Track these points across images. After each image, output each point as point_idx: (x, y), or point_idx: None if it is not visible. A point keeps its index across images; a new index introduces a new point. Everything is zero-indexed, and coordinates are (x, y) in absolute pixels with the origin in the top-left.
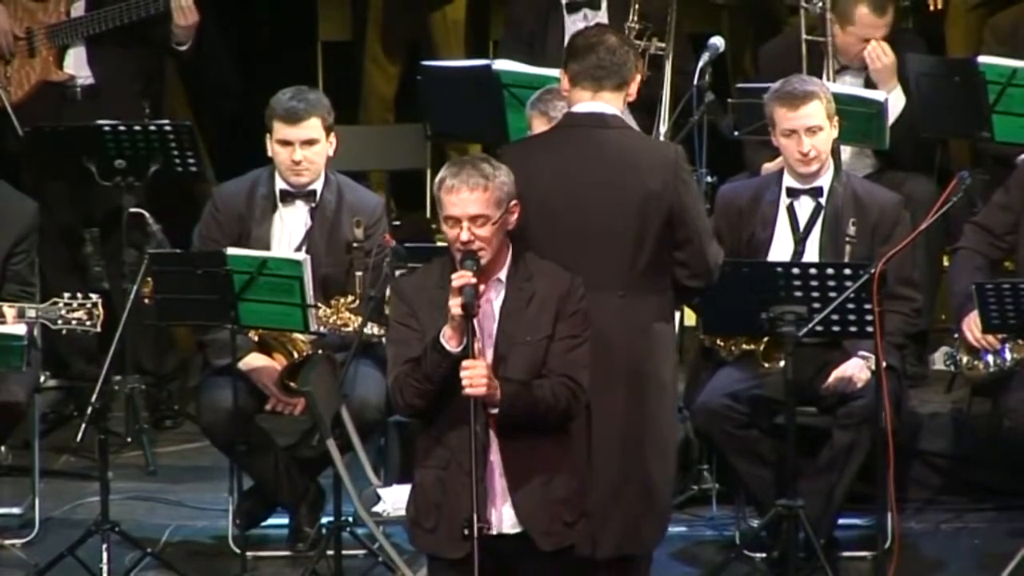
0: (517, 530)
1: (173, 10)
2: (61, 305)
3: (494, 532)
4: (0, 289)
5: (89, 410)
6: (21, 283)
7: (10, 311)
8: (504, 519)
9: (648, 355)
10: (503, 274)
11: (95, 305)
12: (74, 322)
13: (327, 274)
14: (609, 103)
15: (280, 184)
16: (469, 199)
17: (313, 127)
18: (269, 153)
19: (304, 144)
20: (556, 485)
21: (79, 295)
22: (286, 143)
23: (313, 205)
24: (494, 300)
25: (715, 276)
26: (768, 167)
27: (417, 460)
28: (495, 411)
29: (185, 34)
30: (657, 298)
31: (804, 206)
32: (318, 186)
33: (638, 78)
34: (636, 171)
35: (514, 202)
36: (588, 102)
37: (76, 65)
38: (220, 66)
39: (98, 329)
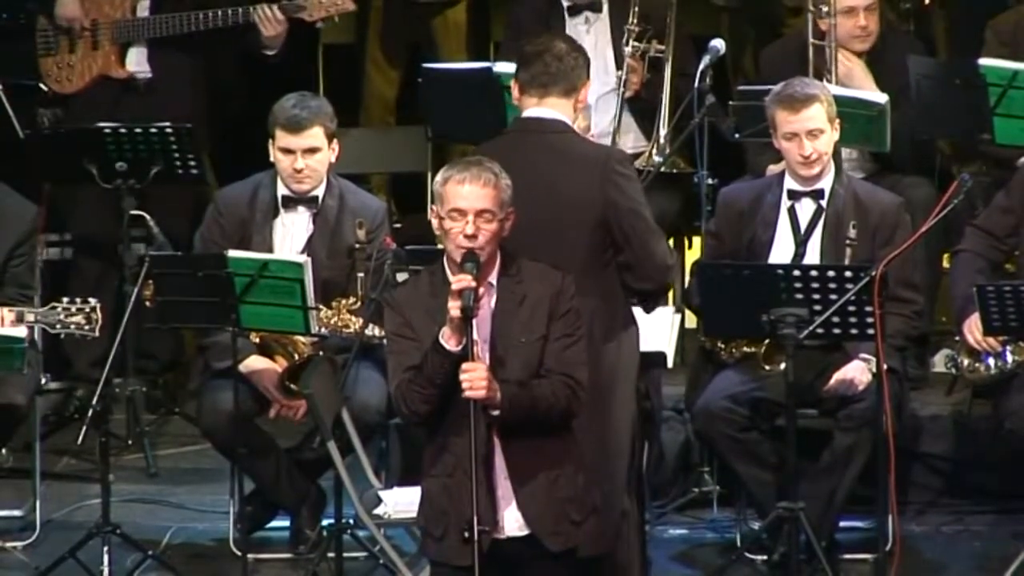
0: (523, 533)
1: (258, 22)
2: (60, 309)
3: (502, 536)
4: None
5: (90, 412)
6: (20, 286)
7: (9, 315)
8: (510, 522)
9: (591, 360)
10: (493, 278)
11: (93, 309)
12: (72, 326)
13: (328, 279)
14: (555, 108)
15: (282, 189)
16: (479, 193)
17: (315, 136)
18: (271, 159)
19: (306, 152)
20: (562, 484)
21: (78, 300)
22: (288, 151)
23: (315, 211)
24: (486, 304)
25: (667, 276)
26: (773, 169)
27: (423, 470)
28: (496, 413)
29: (275, 42)
30: (598, 302)
31: (805, 208)
32: (320, 192)
33: (589, 84)
34: (568, 174)
35: (511, 209)
36: (535, 108)
37: (137, 62)
38: (220, 67)
39: (96, 334)
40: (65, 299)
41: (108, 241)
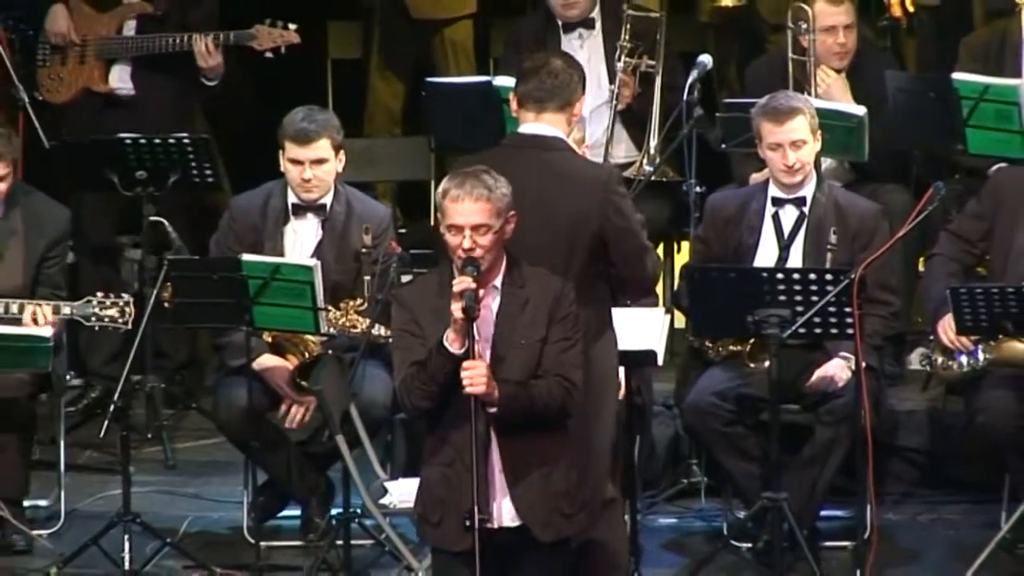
0: (516, 523)
1: (195, 54)
2: (95, 303)
3: (495, 526)
4: (33, 292)
5: (111, 408)
6: (53, 287)
7: (46, 308)
8: (504, 513)
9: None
10: (498, 281)
11: (127, 303)
12: (107, 319)
13: (336, 282)
14: (551, 124)
15: (292, 198)
16: (473, 209)
17: (322, 147)
18: (281, 168)
19: (314, 163)
20: (555, 479)
21: (111, 294)
22: (297, 162)
23: (324, 217)
24: (490, 305)
25: (654, 287)
26: (756, 178)
27: (423, 459)
28: (494, 410)
29: (212, 73)
30: (589, 311)
31: (788, 215)
32: (328, 199)
33: (584, 99)
34: (568, 192)
35: (512, 212)
36: (531, 123)
37: (120, 79)
38: (234, 82)
39: (129, 327)
40: (99, 294)
41: (111, 247)
